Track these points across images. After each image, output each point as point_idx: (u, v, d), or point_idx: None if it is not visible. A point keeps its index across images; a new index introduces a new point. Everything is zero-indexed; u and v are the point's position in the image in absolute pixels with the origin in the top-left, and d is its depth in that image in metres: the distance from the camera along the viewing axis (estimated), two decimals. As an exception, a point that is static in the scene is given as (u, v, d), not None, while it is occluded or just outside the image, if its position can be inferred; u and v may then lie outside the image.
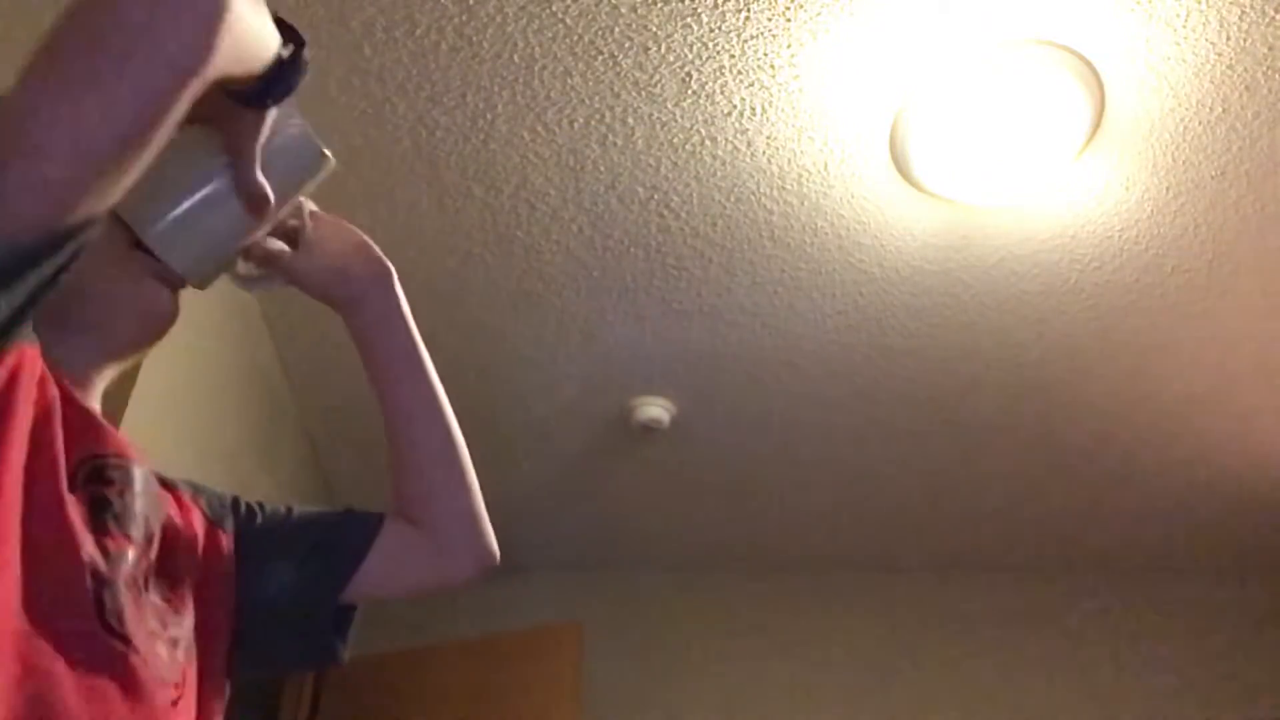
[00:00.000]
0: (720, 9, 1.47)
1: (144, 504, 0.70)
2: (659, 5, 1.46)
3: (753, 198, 1.82)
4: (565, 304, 2.09)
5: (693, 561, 3.14)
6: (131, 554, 0.66)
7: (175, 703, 0.66)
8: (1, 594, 0.55)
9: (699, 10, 1.47)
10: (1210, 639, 3.02)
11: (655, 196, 1.82)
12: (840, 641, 3.07)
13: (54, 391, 0.63)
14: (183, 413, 1.79)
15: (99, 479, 0.65)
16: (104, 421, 0.69)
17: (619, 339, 2.19)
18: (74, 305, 0.69)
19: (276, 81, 0.66)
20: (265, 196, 0.73)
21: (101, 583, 0.61)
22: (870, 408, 2.41)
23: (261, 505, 0.90)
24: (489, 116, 1.65)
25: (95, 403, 0.75)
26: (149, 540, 0.70)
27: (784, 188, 1.79)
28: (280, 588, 0.85)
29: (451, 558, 0.93)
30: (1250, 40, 1.50)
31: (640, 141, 1.70)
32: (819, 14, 1.47)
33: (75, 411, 0.65)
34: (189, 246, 0.73)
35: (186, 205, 0.72)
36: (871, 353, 2.22)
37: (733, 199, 1.82)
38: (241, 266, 0.86)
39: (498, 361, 2.24)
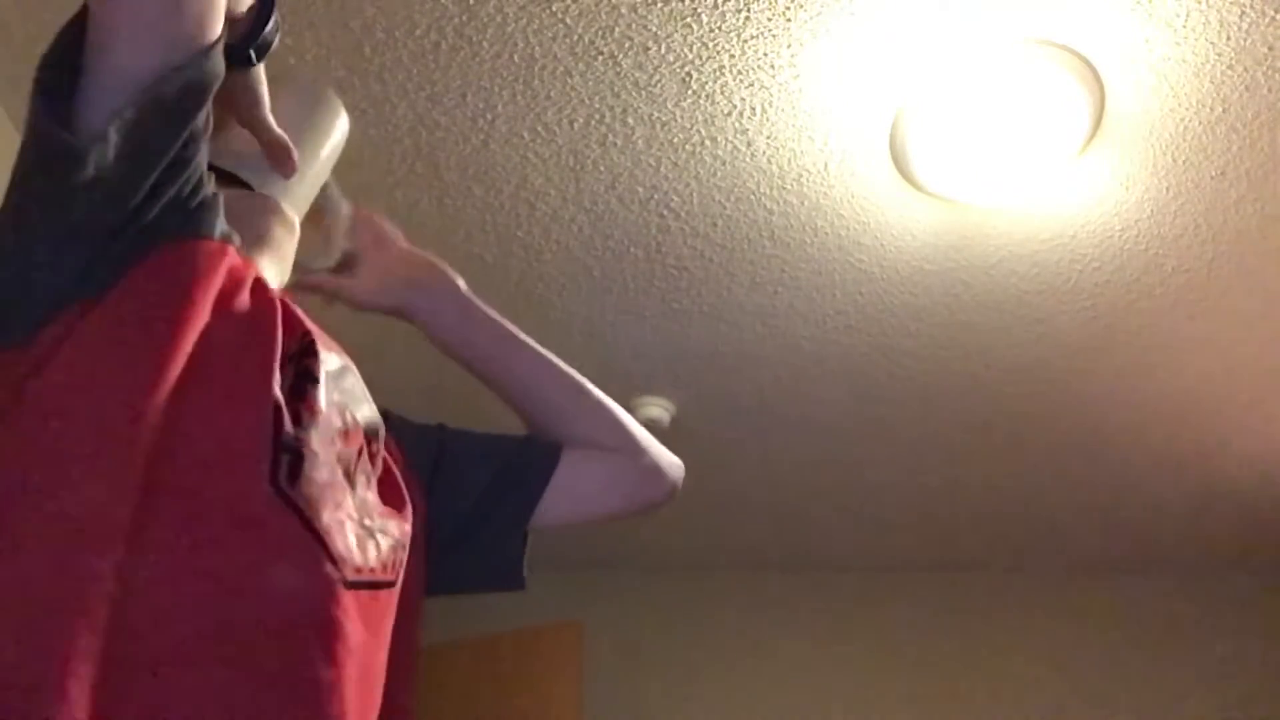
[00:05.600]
0: (720, 9, 1.47)
1: (342, 392, 0.73)
2: (659, 5, 1.46)
3: (753, 198, 1.82)
4: (565, 304, 2.09)
5: (693, 561, 3.14)
6: (325, 426, 0.68)
7: (355, 586, 0.66)
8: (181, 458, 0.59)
9: (699, 10, 1.47)
10: (1212, 638, 3.02)
11: (655, 196, 1.82)
12: (840, 641, 3.08)
13: (273, 290, 0.71)
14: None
15: (308, 353, 0.70)
16: (309, 320, 0.74)
17: (619, 339, 2.19)
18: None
19: (254, 34, 0.73)
20: (283, 145, 0.79)
21: (287, 446, 0.63)
22: (870, 408, 2.41)
23: (445, 428, 0.95)
24: (489, 116, 1.65)
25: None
26: (347, 427, 0.72)
27: (784, 188, 1.79)
28: (472, 510, 0.90)
29: (647, 481, 0.98)
30: (1250, 40, 1.50)
31: (640, 141, 1.70)
32: (819, 14, 1.47)
33: (289, 308, 0.72)
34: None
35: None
36: (871, 353, 2.22)
37: (733, 199, 1.82)
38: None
39: (498, 361, 2.24)
